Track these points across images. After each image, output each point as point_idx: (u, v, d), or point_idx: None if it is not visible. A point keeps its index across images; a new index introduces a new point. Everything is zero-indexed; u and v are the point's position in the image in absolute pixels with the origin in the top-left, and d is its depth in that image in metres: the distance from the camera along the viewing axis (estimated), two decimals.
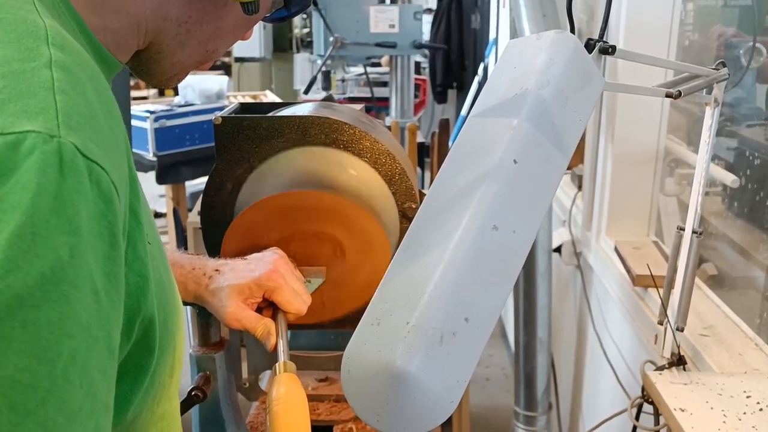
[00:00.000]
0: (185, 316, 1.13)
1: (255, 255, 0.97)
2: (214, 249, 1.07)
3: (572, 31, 0.74)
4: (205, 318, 1.05)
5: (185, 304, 0.96)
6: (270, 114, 1.10)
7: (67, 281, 0.45)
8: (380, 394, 0.59)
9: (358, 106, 1.28)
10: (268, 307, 0.94)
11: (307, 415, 0.77)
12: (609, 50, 0.75)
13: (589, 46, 0.74)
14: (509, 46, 0.74)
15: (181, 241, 2.63)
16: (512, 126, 0.65)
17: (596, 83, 0.71)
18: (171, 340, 0.63)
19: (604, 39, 0.78)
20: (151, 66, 0.67)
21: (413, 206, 1.07)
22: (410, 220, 1.08)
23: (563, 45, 0.69)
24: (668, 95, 0.89)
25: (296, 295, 0.93)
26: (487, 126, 0.68)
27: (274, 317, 0.93)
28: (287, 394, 0.77)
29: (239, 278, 0.91)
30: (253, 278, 0.91)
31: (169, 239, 3.76)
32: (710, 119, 1.08)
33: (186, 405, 1.01)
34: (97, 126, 0.51)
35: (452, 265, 0.61)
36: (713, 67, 1.05)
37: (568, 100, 0.68)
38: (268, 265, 0.93)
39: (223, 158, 1.06)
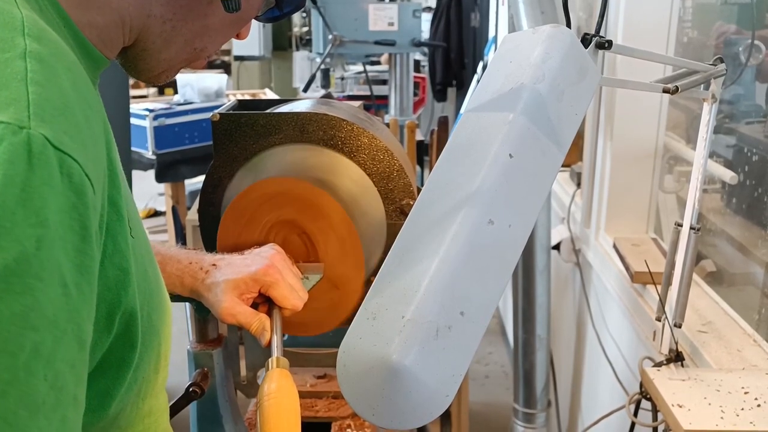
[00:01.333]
0: (185, 311, 1.13)
1: (252, 250, 0.97)
2: (212, 245, 1.07)
3: (569, 25, 0.74)
4: (203, 314, 1.04)
5: (182, 299, 0.96)
6: (268, 111, 1.10)
7: (33, 273, 0.45)
8: (376, 388, 0.59)
9: (357, 103, 1.28)
10: (264, 302, 0.93)
11: (298, 411, 0.77)
12: (605, 45, 0.75)
13: (586, 40, 0.74)
14: (505, 41, 0.74)
15: (181, 239, 2.63)
16: (508, 120, 0.65)
17: (592, 77, 0.71)
18: (156, 336, 0.63)
19: (601, 34, 0.77)
20: (138, 63, 0.68)
21: (411, 203, 1.07)
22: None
23: (559, 39, 0.69)
24: (665, 90, 0.89)
25: (292, 290, 0.92)
26: (483, 120, 0.67)
27: (269, 313, 0.93)
28: (278, 390, 0.77)
29: (235, 273, 0.91)
30: (250, 273, 0.91)
31: (168, 237, 3.77)
32: (708, 115, 1.08)
33: (183, 401, 1.01)
34: (72, 118, 0.50)
35: (448, 259, 0.61)
36: (711, 62, 1.05)
37: (564, 94, 0.67)
38: (264, 260, 0.92)
39: (221, 155, 1.06)
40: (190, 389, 1.01)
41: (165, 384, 0.73)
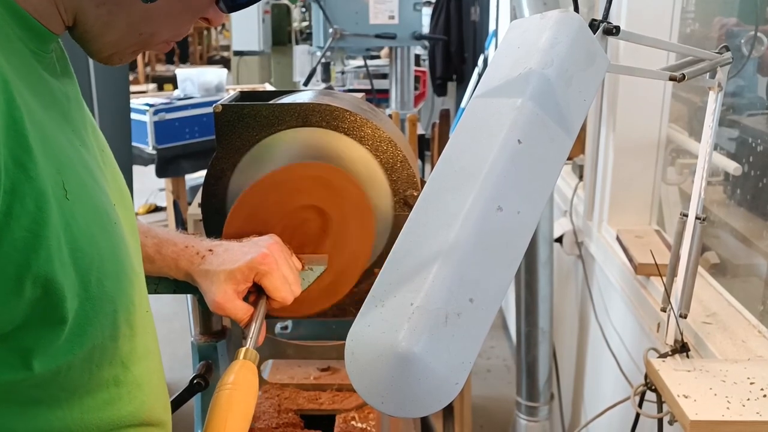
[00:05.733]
0: (187, 304, 1.12)
1: (251, 238, 0.96)
2: (215, 237, 1.06)
3: (576, 10, 0.74)
4: (207, 306, 1.04)
5: (180, 288, 0.95)
6: (271, 101, 1.09)
7: None
8: (385, 375, 0.59)
9: (359, 95, 1.27)
10: (255, 291, 0.93)
11: (251, 406, 0.76)
12: (613, 30, 0.74)
13: (593, 26, 0.73)
14: (513, 27, 0.73)
15: None
16: (516, 105, 0.65)
17: (600, 63, 0.70)
18: (108, 303, 0.64)
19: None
20: (85, 44, 0.69)
21: (414, 194, 1.07)
22: (411, 207, 1.07)
23: (567, 24, 0.68)
24: (672, 78, 0.89)
25: (285, 282, 0.92)
26: (491, 106, 0.67)
27: (256, 302, 0.92)
28: (235, 382, 0.76)
29: (232, 261, 0.90)
30: (246, 261, 0.90)
31: None
32: (714, 103, 1.07)
33: (188, 393, 1.00)
34: None
35: (457, 246, 0.61)
36: (717, 51, 1.04)
37: (573, 80, 0.67)
38: (262, 249, 0.92)
39: (223, 146, 1.05)
40: (194, 381, 1.01)
41: (143, 357, 0.73)
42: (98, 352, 0.65)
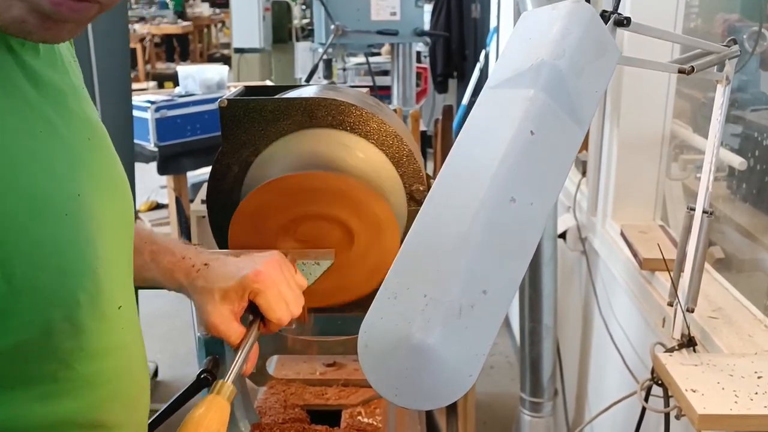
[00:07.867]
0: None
1: (252, 253, 0.94)
2: (220, 233, 1.06)
3: (588, 0, 0.73)
4: None
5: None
6: (276, 96, 1.09)
7: None
8: (398, 367, 0.59)
9: (364, 90, 1.27)
10: (250, 311, 0.89)
11: None
12: (624, 22, 0.74)
13: (604, 17, 0.73)
14: (524, 17, 0.73)
15: (184, 231, 2.62)
16: (528, 97, 0.64)
17: (612, 54, 0.70)
18: (41, 300, 0.60)
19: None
20: None
21: (421, 188, 1.07)
22: (418, 202, 1.07)
23: (579, 15, 0.68)
24: (681, 71, 0.88)
25: (281, 301, 0.88)
26: (502, 97, 0.67)
27: (250, 325, 0.88)
28: (200, 416, 0.73)
29: (226, 279, 0.87)
30: (238, 279, 0.87)
31: (171, 229, 3.76)
32: (721, 97, 1.07)
33: (195, 388, 1.00)
34: None
35: (470, 238, 0.60)
36: (725, 44, 1.04)
37: (584, 71, 0.67)
38: (256, 266, 0.88)
39: (229, 141, 1.05)
40: (201, 376, 1.01)
41: (98, 356, 0.68)
42: (26, 347, 0.61)
